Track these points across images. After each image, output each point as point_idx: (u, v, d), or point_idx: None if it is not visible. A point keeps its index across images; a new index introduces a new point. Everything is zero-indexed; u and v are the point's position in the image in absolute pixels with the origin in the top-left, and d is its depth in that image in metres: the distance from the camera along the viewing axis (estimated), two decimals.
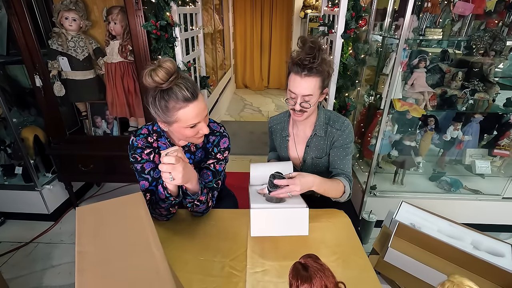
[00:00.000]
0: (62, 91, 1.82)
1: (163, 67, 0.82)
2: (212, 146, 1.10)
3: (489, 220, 1.94)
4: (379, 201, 1.90)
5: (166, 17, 1.57)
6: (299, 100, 1.08)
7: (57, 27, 1.70)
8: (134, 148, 1.02)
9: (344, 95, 1.92)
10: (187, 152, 1.09)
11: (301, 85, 1.06)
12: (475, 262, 1.01)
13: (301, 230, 0.91)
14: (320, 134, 1.21)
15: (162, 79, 0.82)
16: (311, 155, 1.25)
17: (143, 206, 0.71)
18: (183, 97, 0.85)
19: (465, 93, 1.72)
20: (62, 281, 1.61)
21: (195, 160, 1.11)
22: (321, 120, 1.21)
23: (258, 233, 0.90)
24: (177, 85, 0.85)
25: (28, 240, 1.89)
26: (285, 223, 0.91)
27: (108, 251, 0.59)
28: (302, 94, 1.07)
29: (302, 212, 0.90)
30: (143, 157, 1.02)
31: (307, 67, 1.02)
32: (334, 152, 1.21)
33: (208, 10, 3.43)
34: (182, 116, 0.88)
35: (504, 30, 1.73)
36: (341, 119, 1.21)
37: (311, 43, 1.03)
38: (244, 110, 4.57)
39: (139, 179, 1.03)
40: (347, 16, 1.64)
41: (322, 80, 1.07)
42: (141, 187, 1.03)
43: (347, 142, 1.19)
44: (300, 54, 1.03)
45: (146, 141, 1.03)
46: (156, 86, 0.84)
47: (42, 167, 2.08)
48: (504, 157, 1.98)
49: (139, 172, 1.03)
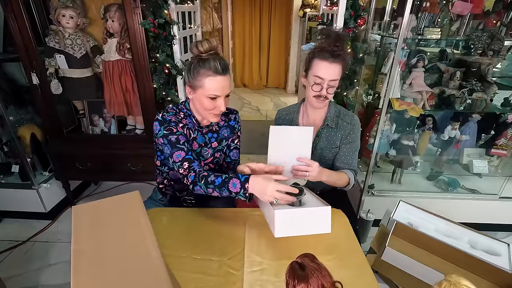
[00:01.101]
0: (59, 89, 1.80)
1: (209, 41, 0.98)
2: (235, 123, 1.23)
3: (486, 220, 1.95)
4: (377, 200, 1.91)
5: (164, 15, 1.56)
6: (326, 85, 1.14)
7: (54, 24, 1.69)
8: (168, 122, 1.06)
9: (343, 94, 1.91)
10: (209, 132, 1.17)
11: (329, 70, 1.11)
12: (472, 261, 1.02)
13: (324, 228, 0.92)
14: (331, 125, 1.25)
15: (204, 50, 0.97)
16: (320, 146, 1.28)
17: (140, 205, 0.71)
18: (215, 68, 0.98)
19: (463, 92, 1.73)
20: (59, 280, 1.61)
21: (219, 138, 1.20)
22: (332, 113, 1.26)
23: (282, 233, 0.90)
24: (214, 59, 0.98)
25: (25, 239, 1.88)
26: (309, 222, 0.92)
27: (104, 250, 0.58)
28: (330, 79, 1.12)
29: (324, 210, 0.91)
30: (178, 130, 1.06)
31: (335, 53, 1.09)
32: (344, 147, 1.27)
33: (207, 9, 3.42)
34: (208, 83, 0.99)
35: (502, 30, 1.74)
36: (351, 114, 1.28)
37: (336, 34, 1.13)
38: (242, 109, 4.56)
39: (173, 150, 1.03)
40: (346, 15, 1.64)
41: (343, 68, 1.15)
42: (175, 158, 1.02)
43: (357, 139, 1.27)
44: (329, 41, 1.11)
45: (176, 117, 1.09)
46: (197, 55, 0.99)
47: (39, 166, 2.07)
48: (501, 156, 1.99)
49: (174, 143, 1.03)
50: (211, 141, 1.18)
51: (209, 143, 1.17)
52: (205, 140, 1.16)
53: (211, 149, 1.18)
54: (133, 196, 0.74)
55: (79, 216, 0.67)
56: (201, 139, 1.15)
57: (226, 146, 1.23)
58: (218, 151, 1.20)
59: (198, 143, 1.14)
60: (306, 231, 0.91)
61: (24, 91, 1.98)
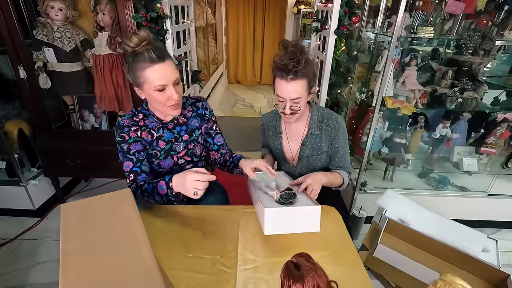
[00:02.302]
0: (47, 84, 1.75)
1: (136, 34, 0.94)
2: (203, 110, 1.20)
3: (475, 216, 1.99)
4: (370, 197, 1.92)
5: (156, 9, 1.53)
6: (288, 104, 1.10)
7: (42, 16, 1.64)
8: (121, 127, 1.05)
9: (337, 91, 1.92)
10: (177, 126, 1.14)
11: (288, 89, 1.06)
12: (462, 258, 1.03)
13: (313, 227, 0.92)
14: (315, 132, 1.22)
15: (135, 44, 0.94)
16: (306, 153, 1.26)
17: (132, 203, 0.69)
18: (150, 58, 0.94)
19: (455, 91, 1.75)
20: (48, 278, 1.58)
21: (189, 129, 1.16)
22: (315, 118, 1.22)
23: (272, 231, 0.90)
24: (147, 50, 0.94)
25: (13, 237, 1.84)
26: (299, 220, 0.92)
27: (94, 249, 0.57)
28: (290, 98, 1.08)
29: (315, 209, 0.91)
30: (131, 135, 1.05)
31: (292, 71, 1.02)
32: (333, 151, 1.25)
33: (200, 3, 3.37)
34: (149, 76, 0.95)
35: (494, 29, 1.76)
36: (334, 116, 1.23)
37: (292, 47, 1.04)
38: (236, 105, 4.54)
39: (124, 159, 1.05)
40: (340, 12, 1.64)
41: (308, 81, 1.08)
42: (125, 167, 1.05)
43: (344, 141, 1.23)
44: (284, 59, 1.03)
45: (132, 120, 1.07)
46: (132, 52, 0.95)
47: (27, 162, 2.02)
48: (490, 155, 2.03)
49: (125, 152, 1.04)
50: (180, 134, 1.14)
51: (179, 137, 1.14)
52: (174, 135, 1.13)
53: (183, 142, 1.15)
54: (124, 194, 0.73)
55: (68, 214, 0.65)
56: (169, 135, 1.12)
57: (200, 135, 1.20)
58: (191, 142, 1.17)
59: (165, 140, 1.12)
60: (296, 229, 0.92)
61: (11, 85, 1.92)
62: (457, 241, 1.08)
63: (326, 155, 1.27)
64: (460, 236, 1.12)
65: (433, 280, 0.46)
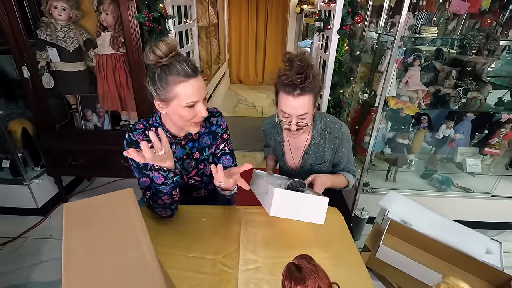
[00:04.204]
0: (51, 83, 1.76)
1: (164, 41, 0.83)
2: (217, 128, 1.10)
3: (478, 218, 1.98)
4: (372, 198, 1.92)
5: (159, 9, 1.53)
6: (295, 120, 1.04)
7: (45, 16, 1.64)
8: (134, 143, 0.98)
9: (339, 92, 1.91)
10: (190, 141, 1.06)
11: (295, 105, 1.01)
12: (465, 260, 1.03)
13: (318, 218, 0.90)
14: (318, 141, 1.20)
15: (163, 53, 0.83)
16: (309, 162, 1.25)
17: (133, 202, 0.70)
18: (184, 72, 0.85)
19: (458, 92, 1.74)
20: (50, 277, 1.59)
21: (200, 146, 1.09)
22: (318, 128, 1.19)
23: (277, 213, 0.88)
24: (178, 61, 0.85)
25: (16, 235, 1.85)
26: (305, 208, 0.90)
27: (96, 249, 0.57)
28: (296, 114, 1.03)
29: (322, 201, 0.90)
30: None
31: (299, 87, 0.98)
32: (338, 159, 1.24)
33: (203, 3, 3.37)
34: (182, 91, 0.86)
35: (498, 29, 1.75)
36: (338, 125, 1.19)
37: (299, 62, 0.98)
38: (238, 105, 4.54)
39: (139, 176, 0.98)
40: (343, 12, 1.63)
41: (315, 95, 1.04)
42: (141, 184, 0.99)
43: (348, 149, 1.22)
44: (290, 74, 0.98)
45: (145, 135, 0.99)
46: (157, 61, 0.85)
47: (30, 161, 2.03)
48: (494, 155, 2.01)
49: (140, 168, 0.98)
50: (192, 151, 1.07)
51: (191, 154, 1.07)
52: (186, 151, 1.06)
53: (194, 160, 1.08)
54: (126, 194, 0.73)
55: (71, 213, 0.65)
56: (180, 151, 1.05)
57: (211, 154, 1.12)
58: (201, 162, 1.10)
59: (177, 157, 1.05)
60: (300, 217, 0.90)
61: (15, 84, 1.94)
62: (460, 242, 1.07)
63: (329, 163, 1.26)
64: (463, 237, 1.11)
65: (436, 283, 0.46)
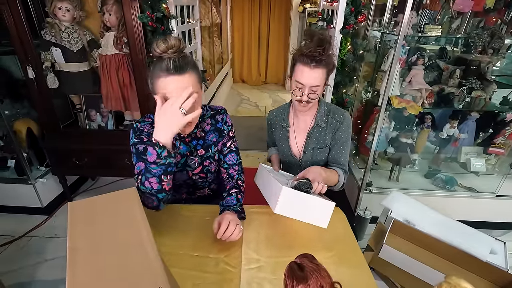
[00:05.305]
0: (55, 83, 1.78)
1: (165, 40, 0.86)
2: (223, 125, 1.11)
3: (482, 218, 1.96)
4: (375, 197, 1.91)
5: (162, 9, 1.54)
6: (307, 91, 1.11)
7: (50, 17, 1.66)
8: (140, 131, 1.00)
9: (342, 91, 1.91)
10: (194, 139, 1.07)
11: (310, 76, 1.08)
12: (469, 260, 1.02)
13: (322, 222, 0.91)
14: (321, 125, 1.23)
15: (161, 50, 0.85)
16: (311, 146, 1.26)
17: (137, 201, 0.70)
18: (166, 67, 0.86)
19: (462, 91, 1.72)
20: (55, 275, 1.60)
21: (206, 144, 1.09)
22: (322, 112, 1.24)
23: (281, 211, 0.89)
24: (169, 57, 0.86)
25: (21, 234, 1.87)
26: (310, 210, 0.91)
27: (100, 247, 0.58)
28: (310, 85, 1.09)
29: (329, 205, 0.91)
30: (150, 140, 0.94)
31: (317, 59, 1.05)
32: (333, 146, 1.25)
33: (206, 3, 3.38)
34: (160, 86, 0.87)
35: (503, 28, 1.73)
36: (341, 111, 1.24)
37: (320, 35, 1.06)
38: (241, 105, 4.54)
39: (137, 161, 0.98)
40: (346, 11, 1.63)
41: (328, 72, 1.11)
42: (136, 169, 0.97)
43: (345, 136, 1.22)
44: (310, 46, 1.05)
45: (152, 128, 0.99)
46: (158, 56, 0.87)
47: (35, 160, 2.05)
48: (499, 155, 1.99)
49: (139, 153, 0.97)
50: (196, 148, 1.07)
51: (195, 151, 1.08)
52: (190, 148, 1.07)
53: (198, 157, 1.08)
54: (130, 193, 0.74)
55: (75, 212, 0.66)
56: (184, 148, 1.06)
57: (216, 152, 1.12)
58: (207, 159, 1.10)
59: (181, 153, 1.06)
60: (304, 218, 0.91)
61: (20, 84, 1.96)
62: (464, 242, 1.06)
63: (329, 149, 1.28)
64: (467, 238, 1.10)
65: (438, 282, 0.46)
